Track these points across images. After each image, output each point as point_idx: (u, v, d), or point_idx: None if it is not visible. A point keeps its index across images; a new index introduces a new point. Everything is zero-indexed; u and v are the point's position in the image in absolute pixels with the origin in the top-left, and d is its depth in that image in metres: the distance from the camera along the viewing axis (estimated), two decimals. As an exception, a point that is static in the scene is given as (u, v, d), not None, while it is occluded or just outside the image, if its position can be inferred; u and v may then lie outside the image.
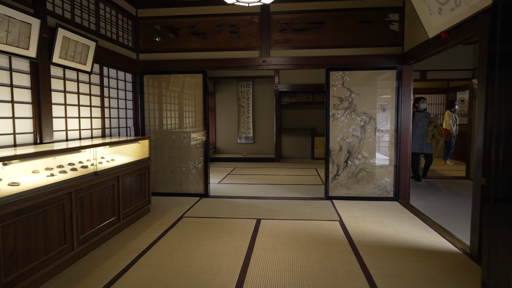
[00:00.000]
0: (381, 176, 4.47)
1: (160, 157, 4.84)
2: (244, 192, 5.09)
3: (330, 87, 4.46)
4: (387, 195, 4.48)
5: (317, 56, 4.44)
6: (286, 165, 7.99)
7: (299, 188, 5.33)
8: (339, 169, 4.53)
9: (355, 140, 4.47)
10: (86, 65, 3.52)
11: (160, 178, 4.86)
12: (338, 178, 4.55)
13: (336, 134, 4.49)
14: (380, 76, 4.40)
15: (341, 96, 4.46)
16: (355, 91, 4.43)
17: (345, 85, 4.44)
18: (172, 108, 4.79)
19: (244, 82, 9.10)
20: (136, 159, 3.71)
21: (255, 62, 4.53)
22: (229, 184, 5.71)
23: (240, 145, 9.26)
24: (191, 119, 4.77)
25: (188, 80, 4.72)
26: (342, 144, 4.50)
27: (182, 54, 4.66)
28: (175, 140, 4.79)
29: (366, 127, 4.44)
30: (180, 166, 4.80)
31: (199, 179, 4.77)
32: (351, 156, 4.50)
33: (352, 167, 4.51)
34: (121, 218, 3.30)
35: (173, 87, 4.75)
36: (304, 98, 8.81)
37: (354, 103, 4.44)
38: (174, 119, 4.80)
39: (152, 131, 4.82)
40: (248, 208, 4.15)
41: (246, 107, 9.14)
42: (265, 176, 6.43)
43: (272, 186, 5.52)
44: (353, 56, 4.38)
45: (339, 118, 4.47)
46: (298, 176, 6.47)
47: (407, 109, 4.34)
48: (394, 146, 4.42)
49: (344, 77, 4.43)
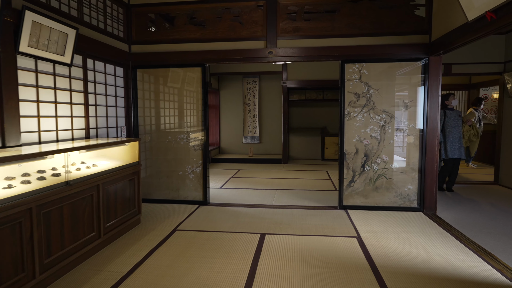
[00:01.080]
0: (403, 183, 3.92)
1: (154, 160, 4.37)
2: (248, 198, 4.59)
3: (346, 82, 3.92)
4: (410, 205, 3.93)
5: (330, 47, 3.91)
6: (294, 167, 7.46)
7: (309, 195, 4.80)
8: (355, 175, 4.00)
9: (373, 142, 3.93)
10: (65, 56, 3.06)
11: (155, 183, 4.39)
12: (353, 185, 4.01)
13: (352, 135, 3.96)
14: (403, 69, 3.84)
15: (357, 92, 3.92)
16: (374, 86, 3.88)
17: (362, 80, 3.90)
18: (168, 106, 4.31)
19: (250, 79, 8.59)
20: (123, 164, 3.24)
21: (260, 54, 4.02)
22: (231, 189, 5.22)
23: (245, 145, 8.77)
24: (189, 118, 4.29)
25: (185, 74, 4.23)
26: (359, 146, 3.96)
27: (179, 46, 4.17)
28: (171, 141, 4.31)
29: (386, 127, 3.89)
30: (177, 170, 4.33)
31: (198, 185, 4.29)
32: (368, 160, 3.96)
33: (369, 172, 3.97)
34: (102, 234, 2.84)
35: (169, 82, 4.27)
36: (314, 95, 8.26)
37: (373, 100, 3.89)
38: (170, 118, 4.32)
39: (146, 131, 4.35)
40: (252, 219, 3.65)
41: (252, 105, 8.64)
42: (272, 180, 5.92)
43: (279, 191, 5.01)
44: (372, 46, 3.83)
45: (355, 116, 3.93)
46: (308, 180, 5.94)
47: (434, 107, 3.78)
48: (418, 149, 3.86)
49: (361, 70, 3.89)
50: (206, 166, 4.26)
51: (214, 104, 8.70)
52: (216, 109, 8.72)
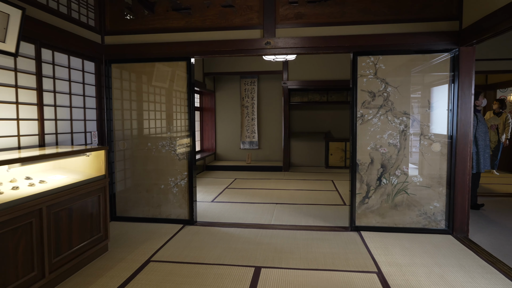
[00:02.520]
0: (428, 200, 3.26)
1: (132, 171, 3.71)
2: (243, 216, 3.92)
3: (358, 78, 3.27)
4: (436, 226, 3.26)
5: (340, 36, 3.26)
6: (296, 175, 6.79)
7: (313, 211, 4.13)
8: (369, 190, 3.33)
9: (392, 150, 3.27)
10: (6, 43, 2.42)
11: (133, 198, 3.73)
12: (368, 202, 3.34)
13: (366, 142, 3.30)
14: (428, 62, 3.19)
15: (372, 90, 3.26)
16: (392, 83, 3.23)
17: (378, 75, 3.25)
18: (148, 108, 3.66)
19: (248, 79, 7.96)
20: (84, 179, 2.58)
21: (256, 45, 3.37)
22: (225, 203, 4.55)
23: (243, 151, 8.11)
24: (173, 121, 3.63)
25: (168, 70, 3.59)
26: (374, 155, 3.30)
27: (160, 36, 3.54)
28: (152, 149, 3.65)
29: (407, 132, 3.23)
30: (158, 183, 3.66)
31: (182, 201, 3.63)
32: (386, 172, 3.29)
33: (387, 187, 3.31)
34: (47, 272, 2.17)
35: (149, 79, 3.62)
36: (317, 97, 7.62)
37: (391, 100, 3.24)
38: (151, 122, 3.67)
39: (122, 137, 3.70)
40: (245, 245, 2.98)
41: (250, 108, 7.99)
42: (271, 192, 5.25)
43: (279, 206, 4.34)
44: (390, 35, 3.18)
45: (370, 120, 3.28)
46: (311, 191, 5.27)
47: (466, 108, 3.12)
48: (447, 158, 3.20)
49: (377, 64, 3.24)
50: (192, 178, 3.59)
51: (209, 107, 8.06)
52: (212, 112, 8.08)
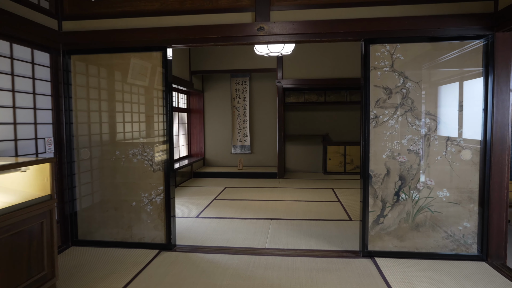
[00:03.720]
0: (456, 219, 2.68)
1: (97, 185, 3.06)
2: (232, 236, 3.30)
3: (371, 72, 2.68)
4: (466, 251, 2.68)
5: (349, 20, 2.67)
6: (292, 182, 6.19)
7: (315, 228, 3.53)
8: (385, 207, 2.74)
9: (412, 159, 2.68)
10: None
11: (98, 218, 3.08)
12: (383, 222, 2.75)
13: (381, 149, 2.71)
14: (455, 51, 2.62)
15: (389, 86, 2.68)
16: (413, 77, 2.65)
17: (395, 68, 2.66)
18: (116, 109, 3.02)
19: (239, 78, 7.34)
20: (17, 202, 1.94)
21: (246, 31, 2.76)
22: (211, 219, 3.92)
23: (234, 156, 7.48)
24: (146, 125, 3.00)
25: (139, 63, 2.95)
26: (391, 165, 2.71)
27: (130, 21, 2.91)
28: (120, 159, 3.01)
29: (432, 137, 2.65)
30: (128, 200, 3.02)
31: (158, 221, 2.99)
32: (405, 186, 2.70)
33: (407, 203, 2.72)
34: None
35: (118, 74, 2.99)
36: (314, 97, 7.04)
37: (411, 97, 2.66)
38: (119, 126, 3.02)
39: (87, 143, 3.05)
40: (234, 282, 2.36)
41: (242, 109, 7.37)
42: (265, 204, 4.63)
43: (275, 223, 3.73)
44: (410, 19, 2.60)
45: (385, 122, 2.69)
46: (311, 203, 4.67)
47: (503, 107, 2.55)
48: (479, 168, 2.62)
49: (394, 53, 2.66)
50: (170, 193, 2.96)
51: (197, 108, 7.42)
52: (200, 114, 7.44)
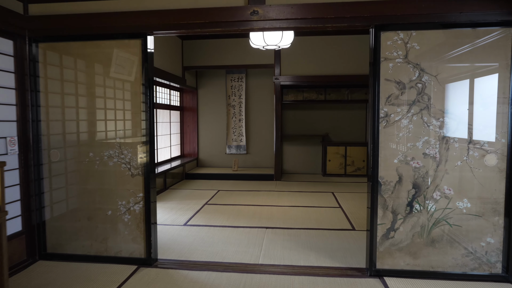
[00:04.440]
0: (478, 234, 2.33)
1: (68, 191, 2.69)
2: (222, 249, 2.94)
3: (382, 63, 2.32)
4: (489, 271, 2.33)
5: (355, 3, 2.31)
6: (289, 185, 5.83)
7: (315, 239, 3.17)
8: (396, 219, 2.39)
9: (428, 164, 2.33)
10: None
11: (69, 229, 2.71)
12: (394, 236, 2.40)
13: (392, 153, 2.35)
14: (480, 40, 2.27)
15: (402, 80, 2.32)
16: (430, 69, 2.30)
17: (410, 59, 2.31)
18: (90, 105, 2.64)
19: (235, 75, 6.97)
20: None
21: (238, 16, 2.40)
22: (201, 227, 3.56)
23: (229, 157, 7.11)
24: (123, 123, 2.63)
25: (116, 53, 2.58)
26: (404, 171, 2.35)
27: (105, 4, 2.54)
28: (94, 161, 2.64)
29: (451, 139, 2.30)
30: (104, 209, 2.65)
31: (137, 232, 2.62)
32: (420, 195, 2.35)
33: (422, 215, 2.36)
34: None
35: (91, 65, 2.62)
36: (314, 95, 6.68)
37: (428, 93, 2.30)
38: (93, 124, 2.65)
39: (57, 144, 2.68)
40: (219, 308, 2.00)
41: (237, 107, 7.01)
42: (260, 209, 4.27)
43: (270, 232, 3.37)
44: (427, 2, 2.25)
45: (397, 121, 2.33)
46: (310, 209, 4.31)
47: (534, 105, 2.20)
48: (506, 176, 2.27)
49: (408, 42, 2.30)
50: (150, 201, 2.59)
51: (190, 106, 7.05)
52: (194, 112, 7.07)
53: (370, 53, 2.37)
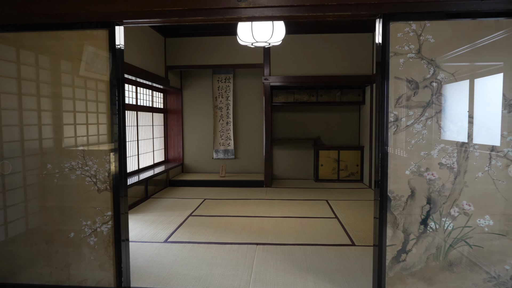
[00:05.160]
0: (502, 256, 2.02)
1: (22, 209, 2.27)
2: (206, 272, 2.55)
3: (391, 59, 2.00)
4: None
5: (361, -12, 1.98)
6: (280, 192, 5.48)
7: (311, 258, 2.82)
8: (408, 240, 2.06)
9: (445, 176, 2.01)
10: None
11: (24, 254, 2.28)
12: (406, 259, 2.07)
13: (403, 162, 2.03)
14: (505, 32, 1.96)
15: (414, 78, 2.00)
16: (447, 66, 1.98)
17: (424, 54, 1.99)
18: (47, 107, 2.23)
19: (222, 75, 6.60)
20: None
21: (223, 2, 2.03)
22: (183, 244, 3.17)
23: (216, 162, 6.72)
24: (88, 128, 2.23)
25: (78, 45, 2.18)
26: (417, 184, 2.03)
27: (65, -12, 2.14)
28: (53, 174, 2.23)
29: (471, 147, 1.99)
30: (65, 230, 2.24)
31: (105, 257, 2.22)
32: (435, 211, 2.03)
33: (437, 235, 2.04)
34: None
35: (48, 60, 2.21)
36: (305, 96, 6.36)
37: (444, 94, 1.99)
38: (50, 129, 2.24)
39: (7, 153, 2.25)
40: None
41: (225, 109, 6.63)
42: (250, 221, 3.91)
43: (262, 250, 3.00)
44: (443, -12, 1.94)
45: (409, 126, 2.01)
46: (303, 220, 3.97)
47: None
48: (533, 189, 1.97)
49: (422, 34, 1.98)
50: (120, 220, 2.20)
51: (175, 108, 6.63)
52: (178, 115, 6.65)
53: (377, 47, 2.04)
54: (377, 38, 2.03)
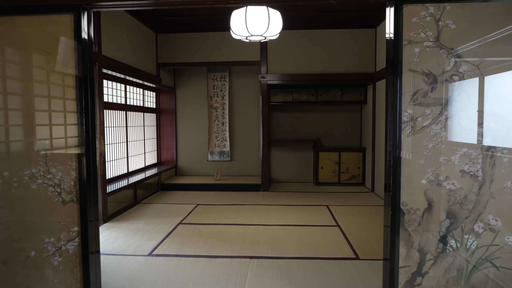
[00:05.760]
0: (535, 280, 1.72)
1: (-24, 223, 1.96)
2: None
3: (405, 48, 1.70)
4: (550, 329, 1.72)
5: (369, -36, 1.68)
6: (278, 197, 5.17)
7: (310, 275, 2.52)
8: (424, 260, 1.76)
9: (467, 186, 1.71)
10: None
11: (-22, 275, 1.98)
12: (422, 283, 1.76)
13: (419, 170, 1.72)
14: (537, 16, 1.67)
15: (432, 71, 1.70)
16: (470, 56, 1.68)
17: (443, 41, 1.69)
18: (2, 105, 1.92)
19: (217, 73, 6.29)
20: None
21: (206, -19, 1.73)
22: (169, 258, 2.86)
23: (211, 164, 6.42)
24: (52, 129, 1.92)
25: (39, 33, 1.87)
26: (434, 195, 1.73)
27: (24, -33, 1.83)
28: (11, 184, 1.92)
29: (498, 152, 1.69)
30: (24, 248, 1.93)
31: (71, 280, 1.91)
32: (456, 227, 1.73)
33: (458, 255, 1.74)
34: None
35: (7, 51, 1.90)
36: (304, 95, 6.05)
37: (467, 89, 1.69)
38: (5, 131, 1.93)
39: (-39, 159, 1.95)
40: None
41: (220, 109, 6.33)
42: (244, 230, 3.60)
43: (256, 265, 2.70)
44: (466, -36, 1.64)
45: (426, 127, 1.71)
46: (302, 228, 3.66)
47: None
48: None
49: (440, 18, 1.68)
50: (88, 236, 1.89)
51: (168, 108, 6.32)
52: (172, 115, 6.35)
53: (388, 35, 1.74)
54: (388, 25, 1.73)
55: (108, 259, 2.83)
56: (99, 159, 3.82)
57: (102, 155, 3.86)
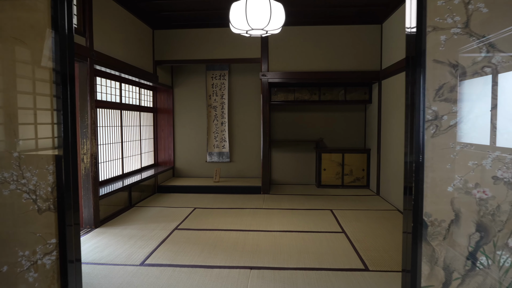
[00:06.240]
0: None
1: None
2: (185, 311, 2.03)
3: (428, 35, 1.48)
4: None
5: None
6: (279, 200, 4.95)
7: (315, 287, 2.31)
8: (450, 280, 1.53)
9: (501, 195, 1.49)
10: None
11: None
12: (446, 305, 1.54)
13: (444, 175, 1.50)
14: None
15: (460, 63, 1.48)
16: (504, 45, 1.46)
17: (473, 28, 1.47)
18: (-26, 99, 1.71)
19: (216, 71, 6.08)
20: None
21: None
22: (163, 268, 2.64)
23: (210, 165, 6.20)
24: (23, 129, 1.70)
25: (12, 19, 1.65)
26: (462, 204, 1.51)
27: None
28: (-19, 189, 1.70)
29: (536, 154, 1.47)
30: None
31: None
32: (487, 242, 1.51)
33: (490, 273, 1.52)
34: None
35: (-24, 39, 1.68)
36: (307, 94, 5.84)
37: (501, 84, 1.47)
38: (-23, 130, 1.71)
39: None
40: None
41: (219, 109, 6.11)
42: (244, 237, 3.38)
43: (256, 277, 2.48)
44: None
45: (453, 127, 1.49)
46: (305, 234, 3.44)
47: None
48: None
49: (470, 2, 1.46)
50: (67, 248, 1.67)
51: (165, 107, 6.11)
52: (169, 114, 6.13)
53: (409, 21, 1.52)
54: (409, 8, 1.51)
55: (97, 269, 2.61)
56: (90, 160, 3.60)
57: (94, 156, 3.64)
